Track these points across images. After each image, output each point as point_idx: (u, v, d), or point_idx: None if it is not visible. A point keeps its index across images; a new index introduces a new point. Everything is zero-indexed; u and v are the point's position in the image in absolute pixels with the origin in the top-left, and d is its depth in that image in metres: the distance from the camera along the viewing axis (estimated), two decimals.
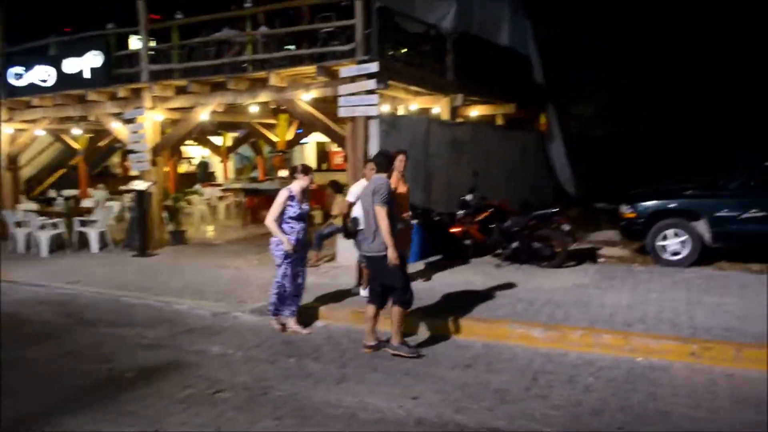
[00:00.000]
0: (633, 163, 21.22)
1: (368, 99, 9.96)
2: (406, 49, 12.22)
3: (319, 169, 23.34)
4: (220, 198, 17.78)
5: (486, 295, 7.96)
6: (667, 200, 9.79)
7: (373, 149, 10.13)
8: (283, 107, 12.15)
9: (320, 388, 5.47)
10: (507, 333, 6.50)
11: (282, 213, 6.90)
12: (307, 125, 15.66)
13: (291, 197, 6.93)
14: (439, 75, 12.70)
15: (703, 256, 9.55)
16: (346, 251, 10.23)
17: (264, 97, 11.50)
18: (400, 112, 13.35)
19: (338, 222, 10.34)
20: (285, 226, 6.94)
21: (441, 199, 11.42)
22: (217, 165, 23.92)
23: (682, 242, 9.51)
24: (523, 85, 16.07)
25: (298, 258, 7.13)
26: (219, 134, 21.22)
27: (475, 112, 15.45)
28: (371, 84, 9.90)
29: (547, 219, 9.63)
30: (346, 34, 10.64)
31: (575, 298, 7.72)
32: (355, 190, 7.95)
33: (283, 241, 6.87)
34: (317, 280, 9.14)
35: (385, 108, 12.88)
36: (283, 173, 15.68)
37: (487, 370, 5.75)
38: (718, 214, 9.32)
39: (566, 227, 9.54)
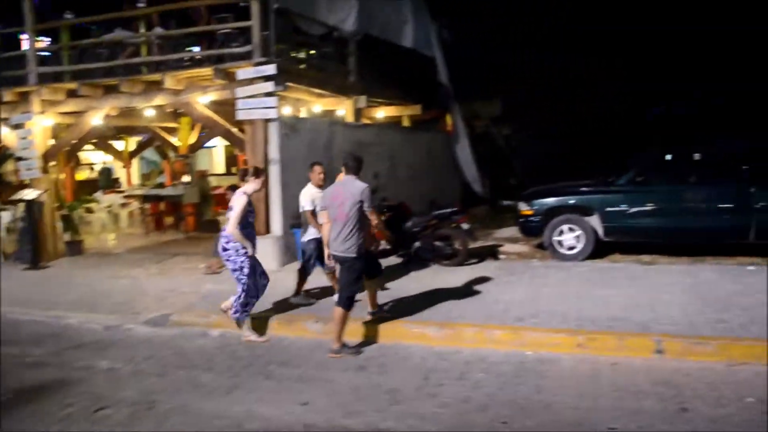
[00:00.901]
0: (539, 160, 22.00)
1: (266, 101, 9.82)
2: (308, 51, 12.13)
3: (228, 173, 22.95)
4: (123, 205, 17.11)
5: (385, 295, 7.95)
6: (561, 197, 10.13)
7: (273, 153, 10.02)
8: (181, 110, 11.85)
9: (209, 399, 5.32)
10: (403, 333, 6.53)
11: (244, 218, 6.67)
12: (206, 129, 15.29)
13: (249, 202, 6.74)
14: (341, 77, 12.68)
15: (598, 249, 9.94)
16: None
17: (160, 100, 11.14)
18: (303, 114, 13.24)
19: None
20: (244, 231, 6.68)
21: None
22: (120, 171, 23.02)
23: (577, 237, 9.85)
24: (428, 87, 16.25)
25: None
26: (121, 138, 20.42)
27: (381, 113, 15.53)
28: (269, 86, 9.76)
29: (447, 218, 9.77)
30: (245, 36, 10.44)
31: (473, 295, 7.84)
32: (307, 197, 7.60)
33: (247, 246, 6.65)
34: (218, 287, 8.94)
35: (287, 110, 12.75)
36: (186, 179, 15.26)
37: (380, 371, 5.75)
38: (609, 209, 9.71)
39: (466, 226, 9.70)
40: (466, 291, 8.07)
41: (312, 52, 12.61)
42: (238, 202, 6.63)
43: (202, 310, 7.83)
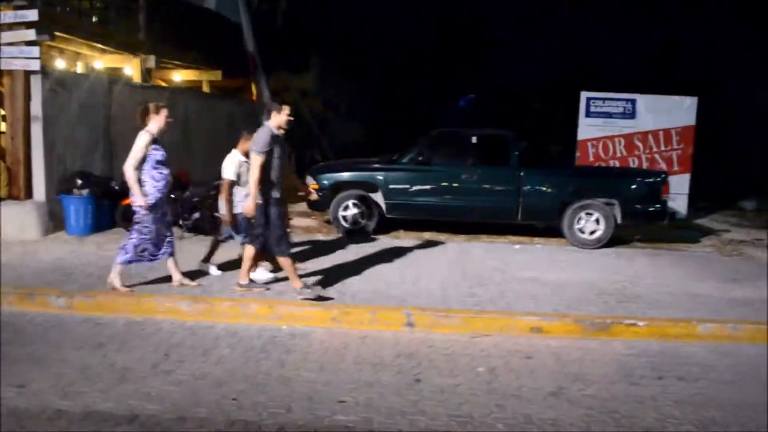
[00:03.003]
0: (349, 137, 22.29)
1: (28, 51, 8.82)
2: (89, 2, 11.10)
3: None
4: None
5: (148, 268, 7.45)
6: (347, 172, 10.21)
7: (36, 109, 9.06)
8: None
9: None
10: (154, 308, 6.16)
11: (144, 160, 6.21)
12: None
13: (155, 140, 6.26)
14: (128, 33, 11.76)
15: (383, 225, 10.17)
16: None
17: None
18: (81, 70, 12.12)
19: None
20: (155, 172, 6.34)
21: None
22: None
23: (362, 213, 10.00)
24: (232, 54, 15.67)
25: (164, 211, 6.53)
26: None
27: (178, 77, 14.71)
28: (31, 34, 8.77)
29: None
30: None
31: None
32: (233, 165, 7.09)
33: (136, 193, 6.18)
34: None
35: (61, 64, 11.60)
36: None
37: (120, 348, 5.35)
38: (392, 186, 9.96)
39: None
40: (237, 265, 7.80)
41: (95, 3, 11.58)
42: (138, 141, 6.24)
43: None
